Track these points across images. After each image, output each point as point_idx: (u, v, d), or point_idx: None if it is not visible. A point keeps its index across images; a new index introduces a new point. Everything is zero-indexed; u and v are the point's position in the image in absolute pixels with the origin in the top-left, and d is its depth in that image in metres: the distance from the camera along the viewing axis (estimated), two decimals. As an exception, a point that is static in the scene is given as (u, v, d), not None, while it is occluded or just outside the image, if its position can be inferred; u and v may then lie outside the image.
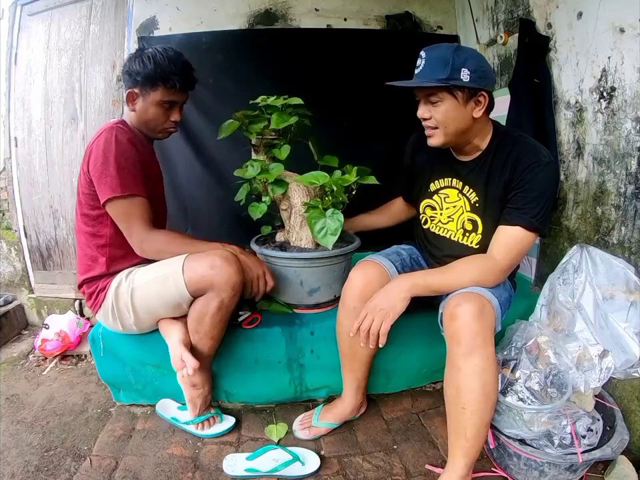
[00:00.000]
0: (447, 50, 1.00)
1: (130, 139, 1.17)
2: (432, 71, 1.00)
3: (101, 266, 1.24)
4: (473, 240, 1.17)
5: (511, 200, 1.06)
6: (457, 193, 1.19)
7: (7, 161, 2.10)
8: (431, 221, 1.27)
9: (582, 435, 1.03)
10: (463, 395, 0.95)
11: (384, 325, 1.02)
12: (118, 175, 1.12)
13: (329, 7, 2.01)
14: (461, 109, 1.03)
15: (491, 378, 0.95)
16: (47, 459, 1.20)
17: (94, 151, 1.14)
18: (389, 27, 2.06)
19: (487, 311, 0.97)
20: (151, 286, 1.18)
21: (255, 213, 1.35)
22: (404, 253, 1.30)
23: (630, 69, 1.13)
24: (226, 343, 1.29)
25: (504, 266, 1.05)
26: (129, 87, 1.21)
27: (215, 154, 1.97)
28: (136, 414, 1.40)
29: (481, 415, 0.95)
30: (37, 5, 2.04)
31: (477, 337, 0.93)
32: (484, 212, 1.13)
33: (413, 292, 1.05)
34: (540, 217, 1.02)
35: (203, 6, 1.95)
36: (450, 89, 1.01)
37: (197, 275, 1.14)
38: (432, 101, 1.04)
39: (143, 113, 1.23)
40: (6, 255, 2.17)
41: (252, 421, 1.36)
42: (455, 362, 0.96)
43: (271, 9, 1.99)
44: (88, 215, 1.22)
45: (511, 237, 1.04)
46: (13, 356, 1.82)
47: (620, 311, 1.15)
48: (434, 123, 1.06)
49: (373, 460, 1.19)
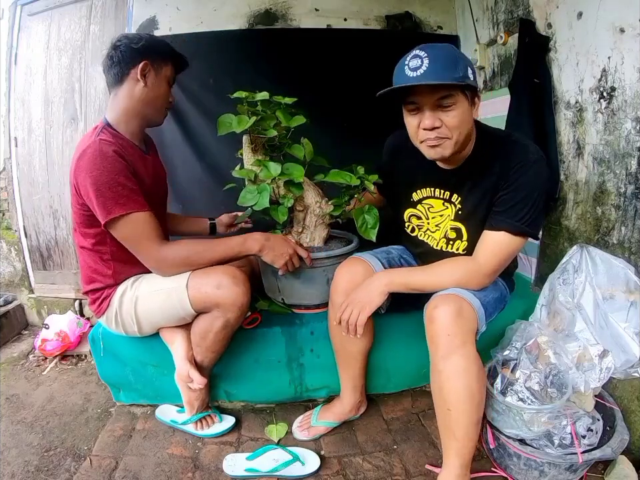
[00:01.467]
0: (451, 48, 0.95)
1: (116, 150, 1.04)
2: (444, 70, 0.89)
3: (107, 278, 1.17)
4: (459, 247, 1.15)
5: (497, 203, 1.02)
6: (442, 203, 1.15)
7: (7, 160, 2.10)
8: (419, 229, 1.24)
9: (582, 435, 1.03)
10: (446, 396, 0.94)
11: (361, 316, 1.04)
12: (112, 195, 1.02)
13: (329, 7, 2.01)
14: (468, 112, 0.96)
15: (474, 377, 0.93)
16: (47, 458, 1.20)
17: (80, 175, 1.03)
18: (389, 27, 2.06)
19: (464, 313, 0.96)
20: (154, 298, 1.15)
21: (279, 216, 1.24)
22: (394, 252, 1.30)
23: (630, 69, 1.13)
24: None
25: (488, 270, 1.02)
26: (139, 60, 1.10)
27: (215, 154, 1.97)
28: (136, 414, 1.40)
29: (468, 415, 0.94)
30: (37, 5, 2.04)
31: (455, 338, 0.93)
32: (468, 219, 1.10)
33: (390, 287, 1.06)
34: (527, 219, 0.98)
35: (203, 6, 1.95)
36: (463, 90, 0.93)
37: (201, 293, 1.10)
38: (444, 104, 0.92)
39: (156, 87, 1.14)
40: (6, 255, 2.17)
41: (252, 421, 1.36)
42: (435, 364, 0.96)
43: (271, 9, 1.99)
44: (86, 233, 1.14)
45: (495, 242, 1.01)
46: (12, 356, 1.82)
47: (620, 311, 1.15)
48: (445, 132, 0.95)
49: (373, 460, 1.19)
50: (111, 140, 1.06)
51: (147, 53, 1.11)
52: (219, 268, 1.13)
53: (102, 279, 1.18)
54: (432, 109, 0.94)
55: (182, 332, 1.22)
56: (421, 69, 0.89)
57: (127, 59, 1.10)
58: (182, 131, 1.95)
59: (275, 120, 1.24)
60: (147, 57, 1.11)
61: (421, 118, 0.96)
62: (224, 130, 1.20)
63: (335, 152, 1.45)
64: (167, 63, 1.16)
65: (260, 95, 1.20)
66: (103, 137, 1.06)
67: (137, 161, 1.13)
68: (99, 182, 1.01)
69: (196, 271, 1.13)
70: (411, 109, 0.98)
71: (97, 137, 1.06)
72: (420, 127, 0.97)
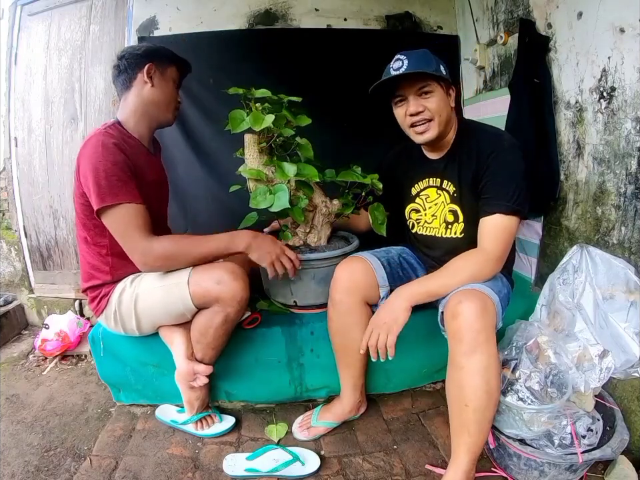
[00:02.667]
0: (424, 51, 1.12)
1: (118, 143, 1.09)
2: (421, 65, 1.07)
3: (105, 274, 1.19)
4: (457, 230, 1.21)
5: (484, 190, 1.11)
6: (435, 190, 1.24)
7: (7, 160, 2.10)
8: (417, 224, 1.31)
9: (582, 435, 1.03)
10: (466, 392, 0.95)
11: (390, 338, 1.04)
12: (107, 184, 1.05)
13: (329, 7, 2.01)
14: (445, 99, 1.13)
15: (494, 375, 0.95)
16: (47, 459, 1.20)
17: (82, 161, 1.08)
18: (389, 27, 2.06)
19: (488, 308, 0.97)
20: (155, 294, 1.16)
21: (297, 217, 1.26)
22: (393, 251, 1.33)
23: (630, 69, 1.13)
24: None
25: (496, 255, 1.08)
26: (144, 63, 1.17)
27: (215, 154, 1.97)
28: (136, 414, 1.40)
29: (484, 412, 0.95)
30: (37, 5, 2.04)
31: (480, 334, 0.94)
32: (461, 200, 1.19)
33: (413, 301, 1.07)
34: (515, 198, 1.06)
35: (203, 6, 1.95)
36: (438, 80, 1.10)
37: (202, 288, 1.11)
38: (425, 91, 1.10)
39: (163, 88, 1.20)
40: (6, 255, 2.17)
41: (252, 420, 1.36)
42: (457, 360, 0.97)
43: (271, 9, 1.99)
44: (85, 224, 1.17)
45: (494, 226, 1.08)
46: (12, 356, 1.83)
47: (620, 311, 1.15)
48: (428, 114, 1.11)
49: (373, 460, 1.19)
50: (115, 134, 1.13)
51: (150, 56, 1.19)
52: (220, 264, 1.15)
53: (100, 275, 1.20)
54: (415, 97, 1.11)
55: (181, 331, 1.23)
56: (402, 67, 1.08)
57: (132, 64, 1.18)
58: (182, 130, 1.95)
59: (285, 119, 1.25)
60: (150, 59, 1.18)
61: (407, 107, 1.13)
62: (237, 127, 1.16)
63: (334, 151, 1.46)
64: (170, 65, 1.23)
65: (259, 92, 1.21)
66: (108, 131, 1.13)
67: (140, 159, 1.17)
68: (97, 169, 1.05)
69: (197, 267, 1.14)
70: (397, 100, 1.16)
71: (103, 129, 1.13)
72: (407, 114, 1.14)
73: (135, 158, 1.14)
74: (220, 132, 1.89)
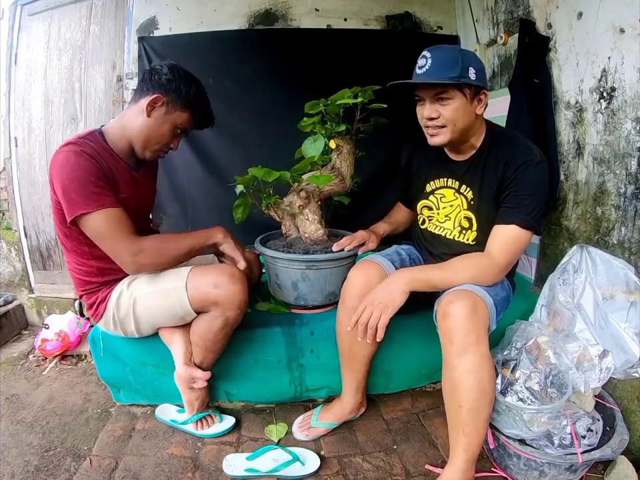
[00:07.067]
0: (454, 50, 1.06)
1: (88, 152, 1.04)
2: (442, 70, 1.01)
3: (94, 276, 1.18)
4: (469, 237, 1.19)
5: (506, 199, 1.08)
6: (453, 193, 1.21)
7: (7, 160, 2.10)
8: (429, 221, 1.29)
9: (582, 435, 1.03)
10: (459, 392, 0.95)
11: (382, 317, 1.01)
12: (84, 192, 1.01)
13: (329, 7, 2.01)
14: (468, 107, 1.06)
15: (486, 375, 0.95)
16: (47, 458, 1.20)
17: (54, 171, 1.04)
18: (389, 27, 2.06)
19: (479, 309, 0.97)
20: (153, 298, 1.15)
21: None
22: (403, 252, 1.31)
23: (630, 69, 1.13)
24: (226, 343, 1.29)
25: (502, 264, 1.06)
26: (157, 92, 1.09)
27: (215, 154, 1.97)
28: (136, 414, 1.40)
29: (478, 412, 0.96)
30: (37, 5, 2.04)
31: (470, 335, 0.94)
32: (478, 209, 1.15)
33: (412, 286, 1.04)
34: (534, 214, 1.04)
35: (203, 6, 1.95)
36: (461, 87, 1.03)
37: (200, 293, 1.11)
38: (442, 98, 1.04)
39: (157, 125, 1.12)
40: (6, 255, 2.17)
41: (252, 420, 1.36)
42: (449, 361, 0.97)
43: (271, 9, 1.99)
44: (64, 232, 1.13)
45: (508, 236, 1.06)
46: (12, 356, 1.82)
47: (620, 311, 1.15)
48: (442, 121, 1.06)
49: (373, 460, 1.19)
50: (91, 144, 1.06)
51: (168, 89, 1.10)
52: (217, 267, 1.15)
53: (89, 278, 1.19)
54: (431, 102, 1.07)
55: (181, 332, 1.23)
56: (424, 67, 1.04)
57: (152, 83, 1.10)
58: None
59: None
60: (166, 92, 1.10)
61: (423, 109, 1.09)
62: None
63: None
64: (184, 110, 1.13)
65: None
66: (85, 139, 1.07)
67: (116, 171, 1.11)
68: (70, 178, 1.01)
69: (194, 270, 1.14)
70: (417, 99, 1.12)
71: (79, 137, 1.07)
72: (422, 116, 1.10)
73: (110, 170, 1.09)
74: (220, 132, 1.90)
